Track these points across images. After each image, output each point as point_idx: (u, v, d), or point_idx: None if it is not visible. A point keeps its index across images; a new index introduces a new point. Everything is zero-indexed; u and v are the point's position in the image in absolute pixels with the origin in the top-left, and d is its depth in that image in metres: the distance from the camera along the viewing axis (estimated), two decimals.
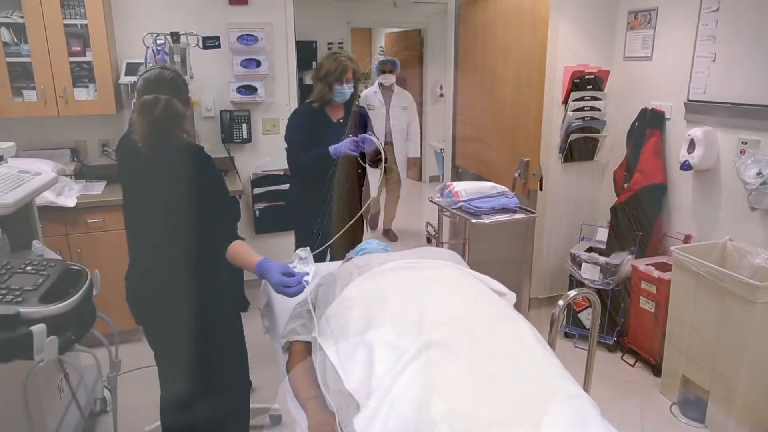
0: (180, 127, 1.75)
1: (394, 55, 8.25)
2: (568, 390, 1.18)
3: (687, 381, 2.78)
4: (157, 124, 1.69)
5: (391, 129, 5.01)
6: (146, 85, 1.76)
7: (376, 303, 1.43)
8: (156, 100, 1.70)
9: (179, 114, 1.73)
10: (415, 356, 1.22)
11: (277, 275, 1.52)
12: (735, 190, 2.81)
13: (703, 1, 2.91)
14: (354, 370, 1.29)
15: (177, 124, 1.73)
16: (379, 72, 5.10)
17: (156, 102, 1.70)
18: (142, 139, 1.72)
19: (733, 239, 2.79)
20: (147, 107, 1.69)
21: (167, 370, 2.02)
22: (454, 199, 2.49)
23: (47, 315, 1.29)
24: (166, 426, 2.07)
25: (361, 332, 1.36)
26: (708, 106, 2.94)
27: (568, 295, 1.74)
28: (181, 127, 1.75)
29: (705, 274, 2.56)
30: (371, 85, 5.29)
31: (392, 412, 1.14)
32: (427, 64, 7.48)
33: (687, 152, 2.97)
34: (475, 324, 1.32)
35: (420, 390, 1.15)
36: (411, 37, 7.72)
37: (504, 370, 1.20)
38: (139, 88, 1.78)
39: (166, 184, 1.78)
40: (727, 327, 2.50)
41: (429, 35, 7.35)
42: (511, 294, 1.69)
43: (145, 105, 1.70)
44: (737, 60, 2.77)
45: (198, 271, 1.82)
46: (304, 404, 1.42)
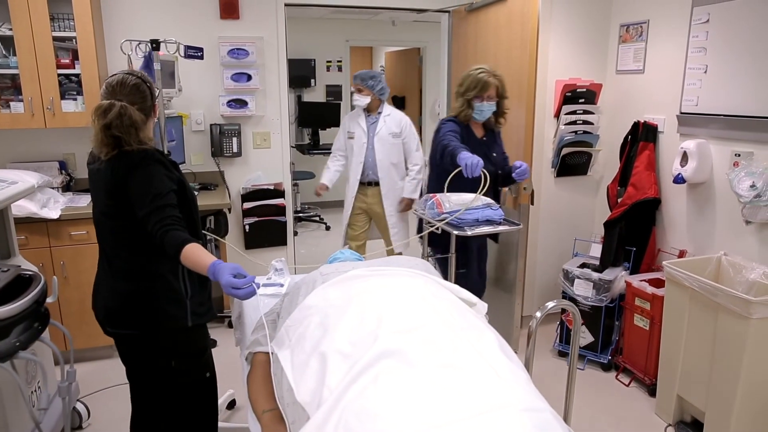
0: (135, 135, 1.70)
1: (393, 74, 8.30)
2: (528, 403, 1.10)
3: (682, 401, 2.67)
4: (108, 130, 1.66)
5: (376, 163, 3.60)
6: (107, 90, 1.73)
7: (335, 311, 1.36)
8: (111, 105, 1.67)
9: (133, 121, 1.69)
10: (367, 366, 1.15)
11: (227, 276, 1.46)
12: (729, 203, 2.74)
13: (694, 13, 2.88)
14: (306, 381, 1.23)
15: (131, 131, 1.69)
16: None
17: (110, 107, 1.67)
18: (95, 144, 1.69)
19: (727, 254, 2.71)
20: (101, 112, 1.66)
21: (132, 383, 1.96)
22: (438, 210, 2.43)
23: None
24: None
25: (317, 341, 1.30)
26: (700, 118, 2.89)
27: (546, 307, 1.67)
28: (136, 135, 1.71)
29: (698, 289, 2.48)
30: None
31: (339, 424, 1.07)
32: (426, 82, 7.50)
33: (680, 165, 2.91)
34: (435, 333, 1.25)
35: (369, 401, 1.09)
36: (410, 55, 7.76)
37: (460, 382, 1.13)
38: (101, 93, 1.75)
39: (106, 189, 1.74)
40: (722, 344, 2.40)
41: (428, 53, 7.38)
42: (481, 304, 1.62)
43: (98, 110, 1.67)
44: (729, 71, 2.72)
45: (141, 276, 1.78)
46: (259, 417, 1.35)
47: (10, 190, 2.17)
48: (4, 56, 3.11)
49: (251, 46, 3.63)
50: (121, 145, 1.70)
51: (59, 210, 3.03)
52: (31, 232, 2.98)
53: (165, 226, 1.62)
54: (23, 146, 3.40)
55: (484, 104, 2.70)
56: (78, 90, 3.23)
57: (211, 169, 3.79)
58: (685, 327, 2.60)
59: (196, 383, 1.97)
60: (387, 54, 8.45)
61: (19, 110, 3.12)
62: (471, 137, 2.79)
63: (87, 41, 3.12)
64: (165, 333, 1.83)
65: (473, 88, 2.69)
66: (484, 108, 2.71)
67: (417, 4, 3.99)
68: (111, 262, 1.83)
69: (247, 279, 1.46)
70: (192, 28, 3.52)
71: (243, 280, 1.46)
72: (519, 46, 3.24)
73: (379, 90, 3.58)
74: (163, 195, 1.68)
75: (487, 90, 2.70)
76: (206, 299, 1.94)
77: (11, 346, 1.29)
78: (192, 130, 3.71)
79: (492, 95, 2.71)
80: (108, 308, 1.84)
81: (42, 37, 3.05)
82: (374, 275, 1.52)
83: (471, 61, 3.85)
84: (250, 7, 3.63)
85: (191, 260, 1.57)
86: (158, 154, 1.78)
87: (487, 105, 2.70)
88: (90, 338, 3.08)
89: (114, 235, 1.80)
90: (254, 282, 1.46)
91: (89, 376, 3.08)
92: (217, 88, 3.67)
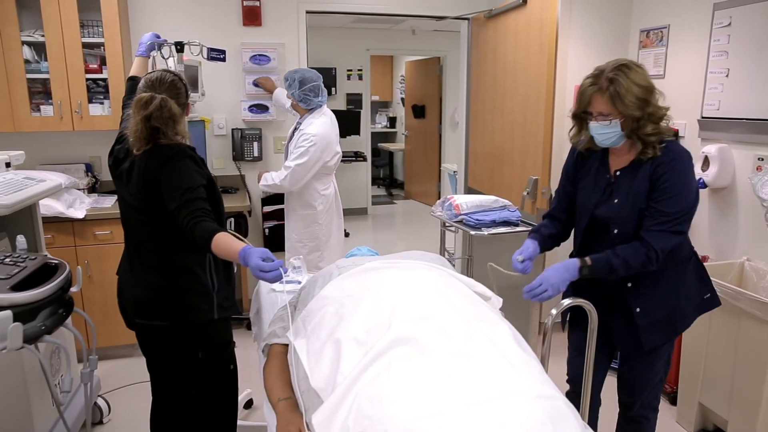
0: (172, 127, 1.76)
1: (413, 83, 8.35)
2: (541, 391, 1.10)
3: (704, 409, 2.62)
4: (148, 121, 1.71)
5: None
6: (146, 85, 1.79)
7: (351, 301, 1.38)
8: (152, 97, 1.73)
9: (172, 113, 1.74)
10: (381, 353, 1.17)
11: (256, 259, 1.50)
12: (752, 208, 2.70)
13: (715, 17, 2.86)
14: (321, 368, 1.25)
15: (169, 122, 1.74)
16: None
17: (151, 99, 1.72)
18: (133, 135, 1.73)
19: (750, 259, 2.66)
20: (142, 104, 1.72)
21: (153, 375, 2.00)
22: (455, 212, 2.45)
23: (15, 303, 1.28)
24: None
25: (333, 329, 1.32)
26: (722, 122, 2.85)
27: (562, 304, 1.67)
28: (173, 127, 1.76)
29: (721, 294, 2.42)
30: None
31: (352, 409, 1.08)
32: (446, 91, 7.53)
33: (701, 170, 2.88)
34: (449, 323, 1.26)
35: (382, 387, 1.10)
36: (430, 64, 7.80)
37: (473, 370, 1.13)
38: (140, 88, 1.81)
39: (138, 182, 1.78)
40: (745, 351, 2.36)
41: (448, 62, 7.42)
42: (496, 298, 1.62)
43: (140, 101, 1.72)
44: (751, 75, 2.69)
45: (171, 269, 1.82)
46: (274, 406, 1.37)
47: (39, 188, 2.24)
48: (35, 61, 3.23)
49: (273, 53, 3.70)
50: (158, 137, 1.75)
51: (84, 210, 3.12)
52: (58, 231, 3.06)
53: (195, 218, 1.66)
54: (52, 149, 3.51)
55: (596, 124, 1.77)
56: (105, 94, 3.33)
57: (232, 173, 3.86)
58: (707, 333, 2.55)
59: (220, 375, 2.01)
60: (407, 63, 8.51)
61: (48, 113, 3.23)
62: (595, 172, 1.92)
63: (114, 48, 3.22)
64: (193, 325, 1.87)
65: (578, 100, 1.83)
66: (596, 129, 1.78)
67: (437, 11, 4.03)
68: (140, 255, 1.88)
69: (275, 263, 1.50)
70: (215, 34, 3.60)
71: (271, 264, 1.49)
72: (537, 51, 3.25)
73: (297, 95, 3.14)
74: (193, 189, 1.73)
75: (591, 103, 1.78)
76: (230, 294, 1.99)
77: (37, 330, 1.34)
78: (214, 134, 3.78)
79: (603, 110, 1.74)
80: (137, 300, 1.89)
81: (72, 43, 3.16)
82: (390, 267, 1.53)
83: (490, 68, 3.87)
84: (272, 14, 3.71)
85: (222, 248, 1.60)
86: (190, 149, 1.84)
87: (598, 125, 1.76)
88: (112, 336, 3.14)
89: (145, 229, 1.85)
90: (282, 267, 1.50)
91: (110, 373, 3.13)
92: (238, 93, 3.75)
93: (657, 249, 1.70)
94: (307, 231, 3.31)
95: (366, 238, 6.32)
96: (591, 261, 1.75)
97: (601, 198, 1.85)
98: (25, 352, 1.40)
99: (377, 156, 9.33)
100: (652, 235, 1.71)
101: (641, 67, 1.76)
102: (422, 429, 1.01)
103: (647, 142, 1.73)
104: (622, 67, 1.71)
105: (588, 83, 1.77)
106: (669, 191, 1.71)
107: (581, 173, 1.95)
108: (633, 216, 1.77)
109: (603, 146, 1.84)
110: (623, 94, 1.68)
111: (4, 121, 3.16)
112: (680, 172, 1.72)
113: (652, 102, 1.71)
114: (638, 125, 1.72)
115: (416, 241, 5.74)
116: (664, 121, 1.76)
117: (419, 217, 7.30)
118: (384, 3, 3.94)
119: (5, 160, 2.34)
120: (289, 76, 3.15)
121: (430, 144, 7.98)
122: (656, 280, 1.81)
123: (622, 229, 1.79)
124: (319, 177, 3.22)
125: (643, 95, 1.69)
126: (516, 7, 3.46)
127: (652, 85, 1.74)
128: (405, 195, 8.76)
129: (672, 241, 1.72)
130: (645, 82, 1.71)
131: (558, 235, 2.02)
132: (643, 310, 1.82)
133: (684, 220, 1.74)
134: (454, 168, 5.47)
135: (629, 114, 1.69)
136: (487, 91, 3.93)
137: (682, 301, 1.85)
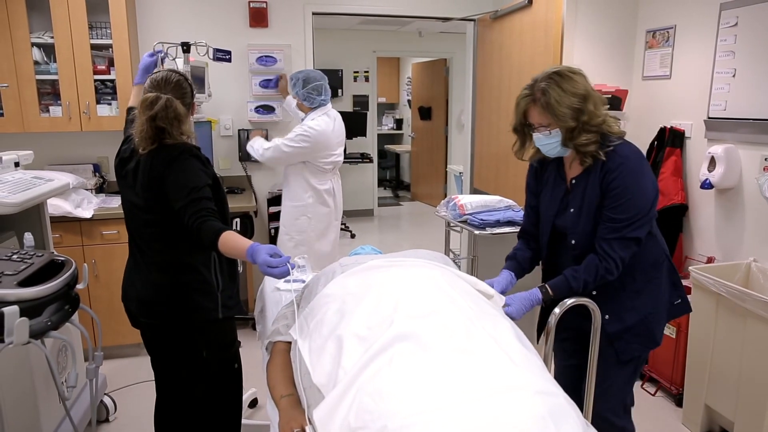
0: (177, 127, 1.77)
1: (420, 85, 8.37)
2: (542, 387, 1.10)
3: (710, 411, 2.60)
4: (153, 121, 1.72)
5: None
6: (152, 85, 1.81)
7: (353, 298, 1.39)
8: (157, 98, 1.74)
9: (177, 113, 1.76)
10: (382, 349, 1.17)
11: (264, 255, 1.51)
12: (759, 208, 2.68)
13: (722, 17, 2.85)
14: (322, 364, 1.25)
15: (174, 122, 1.75)
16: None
17: (156, 100, 1.73)
18: (139, 135, 1.75)
19: (757, 260, 2.65)
20: (148, 104, 1.73)
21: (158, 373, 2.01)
22: (459, 212, 2.45)
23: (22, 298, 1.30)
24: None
25: (335, 326, 1.32)
26: (729, 122, 2.84)
27: (565, 303, 1.66)
28: (178, 127, 1.77)
29: (726, 295, 2.43)
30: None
31: (353, 404, 1.09)
32: (452, 93, 7.53)
33: (707, 170, 2.86)
34: (450, 319, 1.26)
35: (383, 382, 1.10)
36: (437, 66, 7.81)
37: (474, 366, 1.13)
38: (146, 88, 1.82)
39: (143, 182, 1.79)
40: (751, 351, 2.34)
41: (454, 64, 7.42)
42: (499, 296, 1.62)
43: (145, 101, 1.73)
44: (758, 75, 2.68)
45: (176, 268, 1.83)
46: (277, 403, 1.38)
47: (46, 187, 2.26)
48: (45, 63, 3.26)
49: (279, 54, 3.73)
50: (163, 137, 1.76)
51: (92, 210, 3.14)
52: (66, 230, 3.09)
53: (201, 218, 1.67)
54: (60, 149, 3.55)
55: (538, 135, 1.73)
56: (113, 95, 3.37)
57: (239, 173, 3.88)
58: (713, 334, 2.54)
59: (225, 374, 2.01)
60: (414, 65, 8.53)
61: (57, 114, 3.26)
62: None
63: (122, 49, 3.25)
64: (197, 324, 1.88)
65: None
66: (539, 140, 1.74)
67: (442, 12, 4.04)
68: (145, 255, 1.89)
69: (282, 258, 1.50)
70: (222, 36, 3.63)
71: (278, 260, 1.50)
72: (543, 52, 3.25)
73: (301, 93, 3.17)
74: (199, 188, 1.73)
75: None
76: (235, 293, 2.00)
77: (43, 325, 1.35)
78: (220, 135, 3.81)
79: (541, 122, 1.70)
80: (142, 299, 1.90)
81: (81, 44, 3.19)
82: (393, 266, 1.54)
83: (496, 70, 3.87)
84: (279, 16, 3.73)
85: (229, 246, 1.61)
86: (195, 149, 1.84)
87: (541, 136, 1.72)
88: (118, 335, 3.16)
89: (150, 228, 1.86)
90: (289, 262, 1.50)
91: (117, 372, 3.16)
92: (245, 94, 3.77)
93: (613, 258, 1.64)
94: (295, 224, 3.27)
95: (372, 240, 6.33)
96: (551, 289, 1.73)
97: (559, 208, 1.80)
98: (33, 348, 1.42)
99: (384, 158, 9.35)
100: (604, 245, 1.65)
101: (577, 72, 1.67)
102: (422, 423, 1.01)
103: (584, 152, 1.67)
104: (553, 75, 1.65)
105: (522, 95, 1.72)
106: (619, 197, 1.63)
107: (541, 185, 1.89)
108: (588, 225, 1.71)
109: (550, 156, 1.77)
110: (554, 105, 1.62)
111: (14, 122, 3.20)
112: (629, 176, 1.63)
113: (587, 109, 1.62)
114: (572, 135, 1.65)
115: (422, 243, 5.74)
116: (613, 123, 1.68)
117: (425, 219, 7.30)
118: (390, 4, 3.96)
119: (14, 159, 2.37)
120: (294, 77, 3.19)
121: (436, 146, 7.99)
122: (621, 284, 1.73)
123: (580, 239, 1.74)
124: (314, 172, 3.21)
125: (578, 104, 1.62)
126: (521, 8, 3.46)
127: (588, 92, 1.64)
128: (411, 197, 8.77)
129: (627, 247, 1.65)
130: (580, 90, 1.63)
131: (534, 255, 1.94)
132: (613, 317, 1.75)
133: (638, 226, 1.64)
134: (460, 169, 5.48)
135: (563, 125, 1.64)
136: (492, 91, 3.93)
137: (655, 307, 1.78)
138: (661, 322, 1.83)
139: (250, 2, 3.67)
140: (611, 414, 1.85)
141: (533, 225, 1.93)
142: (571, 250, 1.76)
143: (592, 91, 1.66)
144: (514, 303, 1.71)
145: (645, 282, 1.76)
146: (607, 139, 1.67)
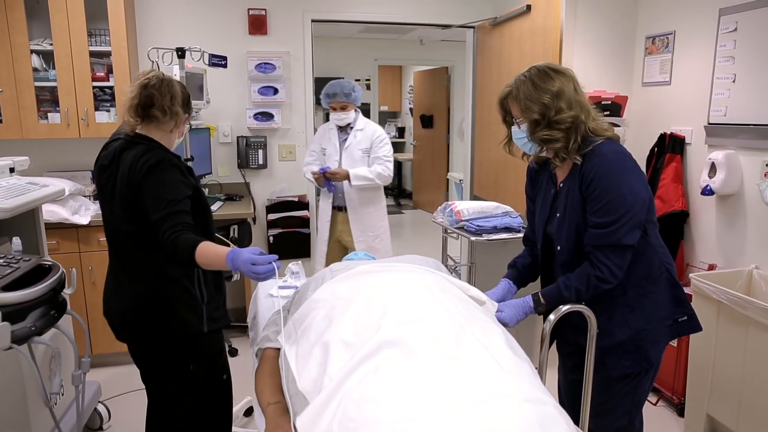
0: (169, 101, 1.74)
1: (422, 93, 8.37)
2: (531, 395, 1.07)
3: (712, 421, 2.56)
4: (145, 89, 1.70)
5: (344, 185, 3.26)
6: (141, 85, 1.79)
7: (342, 303, 1.37)
8: (152, 71, 1.76)
9: (174, 90, 1.75)
10: (368, 355, 1.15)
11: (247, 254, 1.47)
12: (760, 215, 2.65)
13: (721, 22, 2.83)
14: (308, 371, 1.23)
15: (167, 96, 1.73)
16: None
17: (151, 71, 1.75)
18: (127, 104, 1.72)
19: (759, 267, 2.61)
20: (141, 74, 1.74)
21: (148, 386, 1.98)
22: (456, 218, 2.43)
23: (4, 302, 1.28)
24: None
25: (322, 332, 1.30)
26: (729, 128, 2.81)
27: (560, 309, 1.63)
28: (170, 101, 1.74)
29: (727, 302, 2.39)
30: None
31: (338, 411, 1.06)
32: (453, 101, 7.53)
33: (708, 177, 2.83)
34: (440, 325, 1.23)
35: (368, 390, 1.08)
36: (438, 74, 7.82)
37: (462, 372, 1.11)
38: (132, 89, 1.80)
39: (121, 191, 1.74)
40: (754, 360, 2.30)
41: (455, 72, 7.43)
42: (491, 302, 1.60)
43: (142, 74, 1.75)
44: (758, 80, 2.65)
45: (157, 281, 1.77)
46: (264, 410, 1.35)
47: (40, 193, 2.25)
48: (44, 70, 3.27)
49: (278, 61, 3.73)
50: (151, 110, 1.72)
51: (89, 216, 3.14)
52: (63, 237, 3.08)
53: (176, 231, 1.61)
54: (58, 156, 3.55)
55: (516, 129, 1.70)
56: (111, 102, 3.38)
57: (237, 180, 3.87)
58: (714, 343, 2.50)
59: (214, 385, 1.96)
60: (416, 73, 8.54)
61: (56, 121, 3.27)
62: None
63: (121, 56, 3.26)
64: (182, 338, 1.83)
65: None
66: (515, 134, 1.71)
67: (442, 20, 4.04)
68: (126, 268, 1.83)
69: (266, 257, 1.46)
70: (221, 43, 3.63)
71: (263, 257, 1.46)
72: (542, 58, 3.23)
73: (358, 97, 3.24)
74: (177, 201, 1.67)
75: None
76: (221, 304, 1.94)
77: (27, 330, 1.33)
78: (219, 141, 3.81)
79: (517, 115, 1.66)
80: (123, 313, 1.85)
81: (80, 51, 3.20)
82: (383, 270, 1.52)
83: (495, 76, 3.86)
84: (278, 23, 3.74)
85: (208, 256, 1.55)
86: (175, 158, 1.78)
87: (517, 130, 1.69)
88: (114, 343, 3.06)
89: (130, 240, 1.79)
90: (275, 261, 1.46)
91: (111, 380, 3.13)
92: (244, 101, 3.77)
93: (606, 265, 1.55)
94: (381, 225, 3.58)
95: None
96: (543, 297, 1.68)
97: (549, 214, 1.73)
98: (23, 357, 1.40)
99: None
100: (595, 252, 1.56)
101: (560, 71, 1.60)
102: (408, 431, 0.99)
103: (549, 148, 1.60)
104: (532, 69, 1.61)
105: (506, 87, 1.67)
106: (599, 199, 1.52)
107: (537, 189, 1.82)
108: (572, 231, 1.62)
109: (526, 152, 1.71)
110: (521, 97, 1.58)
111: (13, 129, 3.21)
112: (606, 175, 1.52)
113: (556, 106, 1.55)
114: (534, 129, 1.59)
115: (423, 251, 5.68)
116: (604, 127, 1.62)
117: (427, 227, 7.27)
118: (389, 12, 3.96)
119: (9, 165, 2.36)
120: (348, 89, 3.15)
121: (438, 154, 7.98)
122: (612, 298, 1.63)
123: (564, 245, 1.66)
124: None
125: (547, 100, 1.55)
126: (520, 15, 3.46)
127: (561, 91, 1.56)
128: (413, 205, 8.75)
129: (618, 254, 1.54)
130: (553, 87, 1.56)
131: (536, 261, 1.86)
132: (603, 330, 1.65)
133: (627, 230, 1.52)
134: (460, 177, 5.46)
135: (528, 117, 1.58)
136: (492, 98, 3.90)
137: (650, 323, 1.65)
138: (658, 342, 1.67)
139: (249, 9, 3.68)
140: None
141: (533, 231, 1.87)
142: (558, 256, 1.70)
143: (570, 92, 1.57)
144: (507, 309, 1.67)
145: (638, 296, 1.64)
146: (588, 141, 1.58)
